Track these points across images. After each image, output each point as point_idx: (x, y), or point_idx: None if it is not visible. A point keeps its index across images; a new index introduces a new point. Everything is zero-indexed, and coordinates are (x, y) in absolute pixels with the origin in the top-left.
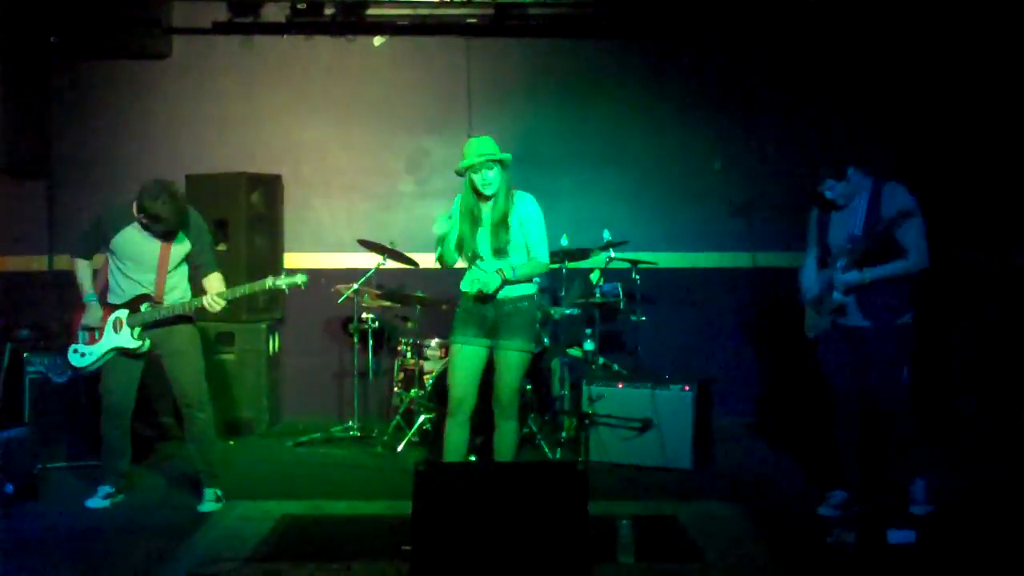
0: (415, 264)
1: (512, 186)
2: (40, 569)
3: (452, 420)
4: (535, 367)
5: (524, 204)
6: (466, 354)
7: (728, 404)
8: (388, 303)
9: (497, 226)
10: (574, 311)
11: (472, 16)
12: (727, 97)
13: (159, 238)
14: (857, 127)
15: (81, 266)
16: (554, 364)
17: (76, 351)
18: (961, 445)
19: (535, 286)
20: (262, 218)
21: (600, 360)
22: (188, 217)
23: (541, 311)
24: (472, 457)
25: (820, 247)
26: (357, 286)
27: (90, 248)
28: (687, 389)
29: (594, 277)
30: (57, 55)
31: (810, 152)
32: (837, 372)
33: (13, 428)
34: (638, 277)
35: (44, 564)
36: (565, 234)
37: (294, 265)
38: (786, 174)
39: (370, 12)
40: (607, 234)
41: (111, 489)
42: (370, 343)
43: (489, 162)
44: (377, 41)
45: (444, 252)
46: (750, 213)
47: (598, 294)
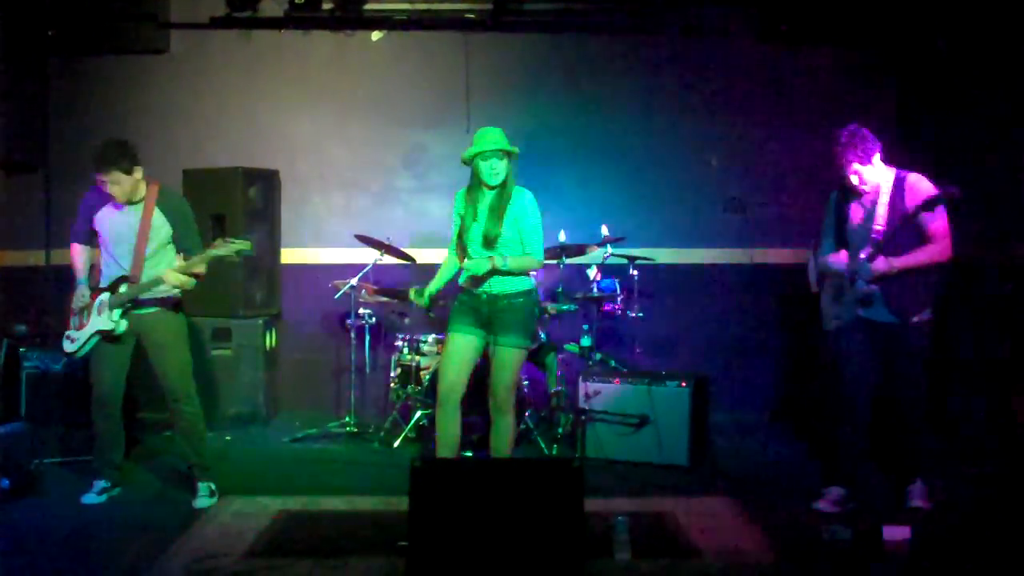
0: (412, 260)
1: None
2: (37, 565)
3: (442, 409)
4: (532, 362)
5: (522, 200)
6: (460, 343)
7: (725, 401)
8: (385, 299)
9: (492, 217)
10: (571, 307)
11: (470, 11)
12: (725, 93)
13: (124, 204)
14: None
15: (76, 251)
16: (551, 360)
17: (68, 337)
18: (957, 444)
19: (532, 282)
20: (259, 213)
21: (597, 356)
22: (171, 198)
23: (539, 307)
24: (468, 453)
25: (838, 235)
26: (354, 282)
27: (81, 232)
28: (684, 385)
29: (591, 273)
30: (55, 49)
31: (809, 148)
32: (854, 365)
33: (10, 423)
34: (635, 273)
35: (41, 560)
36: (562, 230)
37: (291, 260)
38: (784, 170)
39: (368, 7)
40: (604, 230)
41: (107, 483)
42: (367, 339)
43: (499, 152)
44: (375, 36)
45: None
46: (747, 209)
47: (595, 290)
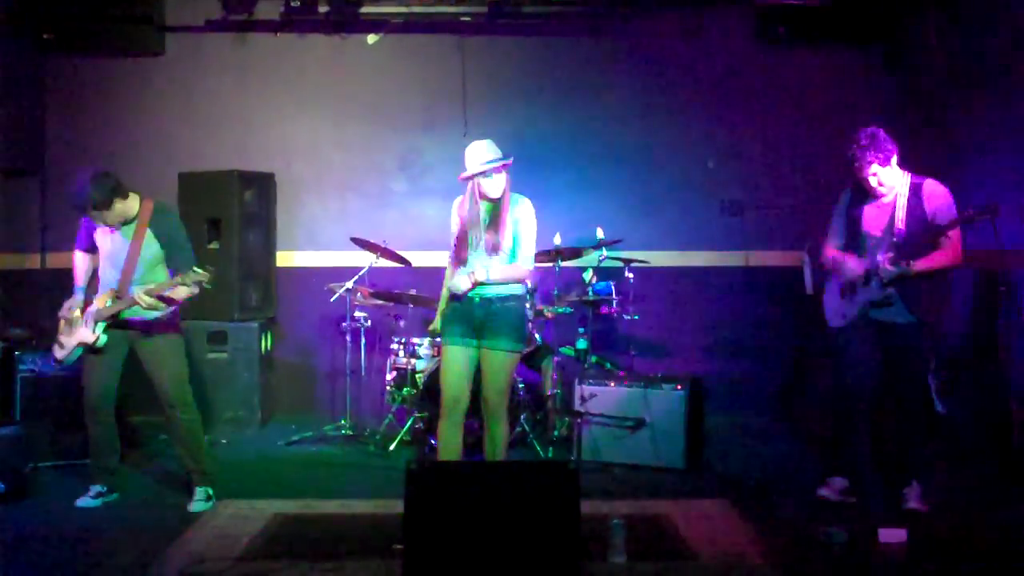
0: (408, 263)
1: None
2: (31, 569)
3: (447, 421)
4: (528, 365)
5: (520, 206)
6: (456, 354)
7: (720, 403)
8: (381, 302)
9: (494, 225)
10: (567, 310)
11: (466, 14)
12: (721, 95)
13: (112, 230)
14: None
15: (77, 258)
16: (546, 363)
17: (57, 343)
18: (953, 446)
19: (523, 286)
20: (254, 216)
21: (593, 359)
22: (164, 218)
23: (532, 310)
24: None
25: (848, 235)
26: (350, 285)
27: (83, 242)
28: (679, 388)
29: (587, 276)
30: (50, 52)
31: (805, 152)
32: (860, 363)
33: (4, 427)
34: (631, 276)
35: (35, 564)
36: (558, 233)
37: (287, 264)
38: (780, 174)
39: (364, 10)
40: (600, 233)
41: (103, 488)
42: (362, 342)
43: (498, 165)
44: (371, 39)
45: None
46: (743, 212)
47: (591, 293)
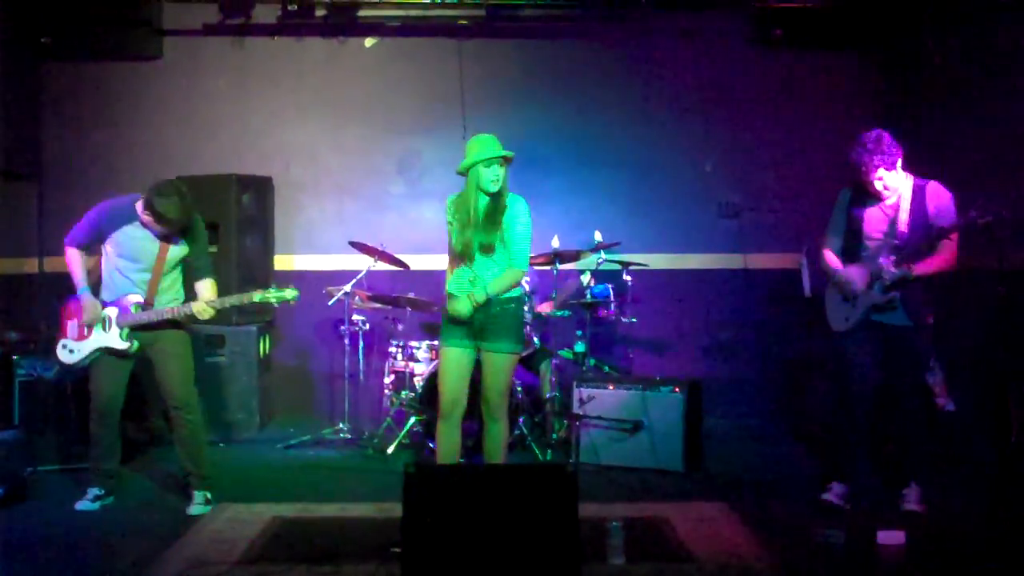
0: (406, 266)
1: None
2: (30, 572)
3: (445, 423)
4: (526, 368)
5: (516, 206)
6: (454, 357)
7: (718, 406)
8: (379, 305)
9: (490, 224)
10: (565, 312)
11: (463, 17)
12: (718, 98)
13: (159, 239)
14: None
15: (74, 257)
16: (544, 365)
17: (65, 347)
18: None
19: (520, 288)
20: (252, 220)
21: (591, 362)
22: (192, 221)
23: (530, 312)
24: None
25: (847, 236)
26: (348, 288)
27: (86, 239)
28: (677, 391)
29: (585, 278)
30: (47, 56)
31: (802, 155)
32: (862, 366)
33: (3, 431)
34: (629, 278)
35: (34, 567)
36: (556, 235)
37: (285, 267)
38: (777, 176)
39: (361, 13)
40: (598, 235)
41: (101, 491)
42: (360, 345)
43: (500, 159)
44: (368, 42)
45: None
46: (741, 215)
47: (589, 295)
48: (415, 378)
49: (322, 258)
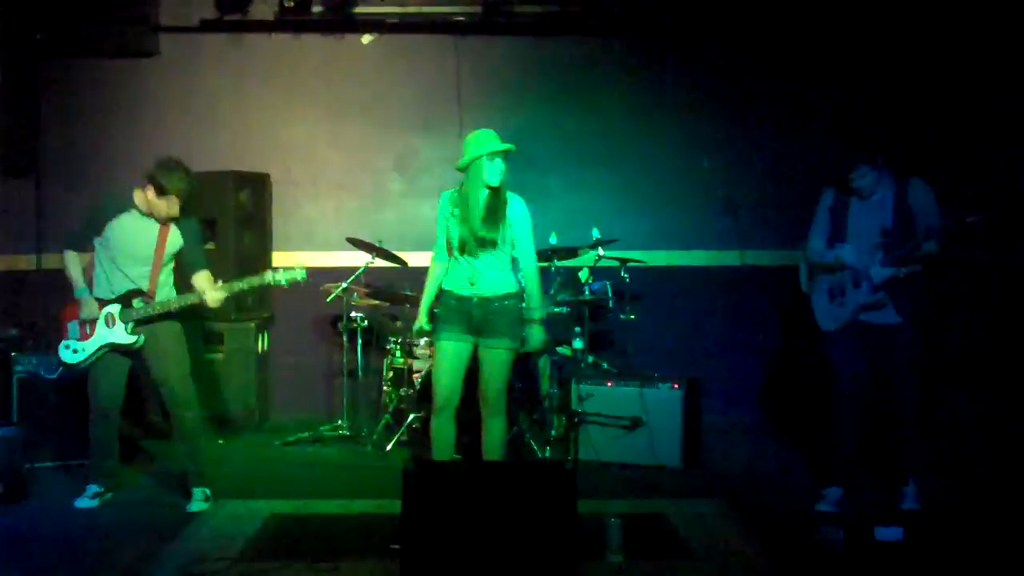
0: (404, 263)
1: None
2: (29, 569)
3: (439, 417)
4: (524, 365)
5: (515, 204)
6: (451, 351)
7: (717, 402)
8: (377, 302)
9: (490, 220)
10: (563, 309)
11: (461, 14)
12: (716, 95)
13: (160, 222)
14: (848, 126)
15: (72, 258)
16: (543, 362)
17: (68, 347)
18: (949, 445)
19: (518, 284)
20: (250, 217)
21: (589, 358)
22: (188, 216)
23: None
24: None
25: (833, 236)
26: (346, 285)
27: (83, 239)
28: (676, 387)
29: (583, 275)
30: (44, 53)
31: (799, 151)
32: (852, 366)
33: (1, 427)
34: (627, 275)
35: (33, 564)
36: (554, 232)
37: (283, 264)
38: (775, 172)
39: (358, 10)
40: (596, 232)
41: (100, 488)
42: (359, 342)
43: (503, 153)
44: (366, 39)
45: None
46: (739, 211)
47: (587, 292)
48: (414, 375)
49: (320, 255)
